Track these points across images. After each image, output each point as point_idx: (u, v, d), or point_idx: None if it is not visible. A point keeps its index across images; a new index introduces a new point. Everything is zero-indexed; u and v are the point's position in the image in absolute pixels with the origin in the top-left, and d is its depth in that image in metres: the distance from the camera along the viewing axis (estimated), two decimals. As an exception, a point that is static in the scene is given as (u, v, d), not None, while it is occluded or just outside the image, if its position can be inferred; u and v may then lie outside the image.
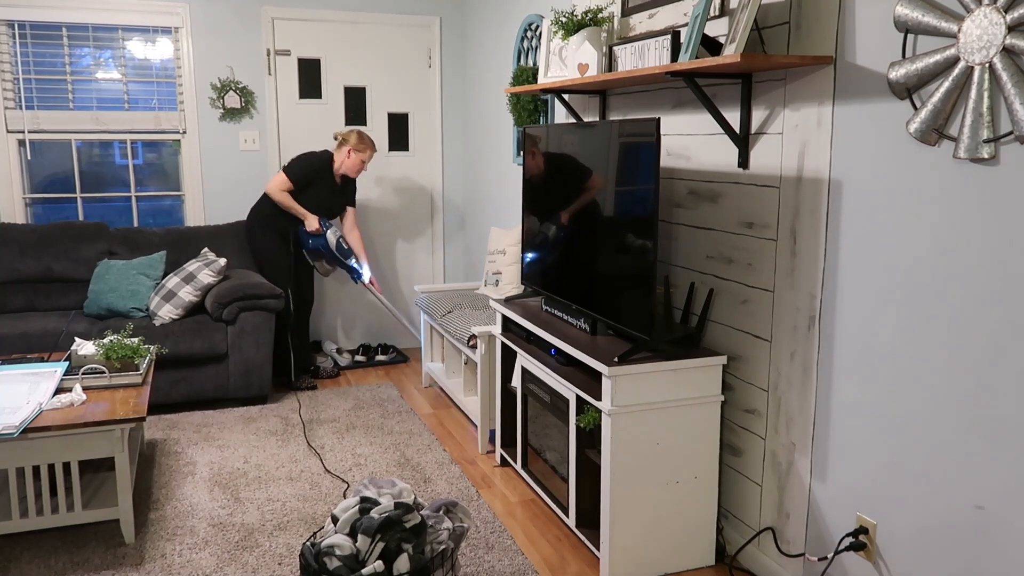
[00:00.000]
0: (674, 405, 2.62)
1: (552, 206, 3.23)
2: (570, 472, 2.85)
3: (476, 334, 3.64)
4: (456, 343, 3.95)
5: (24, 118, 4.65)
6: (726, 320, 2.76)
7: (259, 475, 3.43)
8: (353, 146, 4.57)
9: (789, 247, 2.46)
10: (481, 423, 3.75)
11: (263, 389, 4.30)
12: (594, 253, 2.89)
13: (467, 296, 4.38)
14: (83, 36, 4.72)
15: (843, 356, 2.28)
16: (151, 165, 5.03)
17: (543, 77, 3.58)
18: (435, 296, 4.42)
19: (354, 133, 4.59)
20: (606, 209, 2.81)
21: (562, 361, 2.93)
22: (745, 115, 2.61)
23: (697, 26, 2.43)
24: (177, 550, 2.83)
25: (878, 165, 2.12)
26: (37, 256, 4.40)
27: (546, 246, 3.29)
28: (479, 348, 3.65)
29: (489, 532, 2.96)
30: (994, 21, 1.77)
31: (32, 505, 2.77)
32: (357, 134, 4.59)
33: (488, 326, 3.69)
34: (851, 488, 2.30)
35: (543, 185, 3.33)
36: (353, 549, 2.17)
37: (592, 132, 2.89)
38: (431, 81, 5.44)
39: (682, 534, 2.71)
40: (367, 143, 4.60)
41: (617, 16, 3.29)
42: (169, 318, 4.17)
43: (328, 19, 5.14)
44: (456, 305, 4.16)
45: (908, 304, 2.06)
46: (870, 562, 2.24)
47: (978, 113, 1.82)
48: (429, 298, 4.42)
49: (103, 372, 3.08)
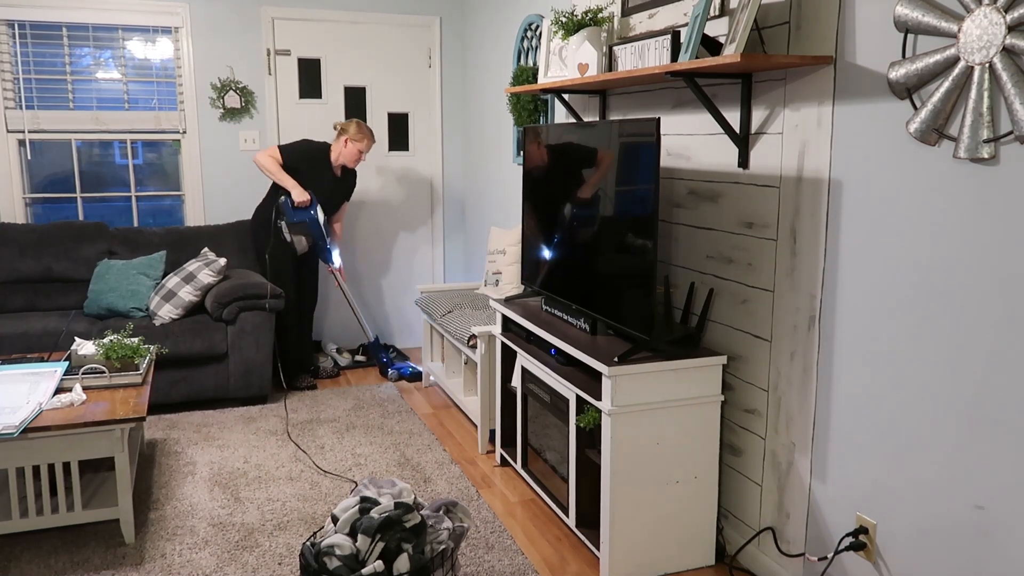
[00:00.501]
0: (674, 405, 2.62)
1: (552, 206, 3.23)
2: (570, 472, 2.85)
3: (476, 334, 3.64)
4: (456, 343, 3.95)
5: (24, 118, 4.65)
6: (726, 320, 2.76)
7: (259, 475, 3.43)
8: (351, 136, 4.53)
9: (789, 247, 2.46)
10: (481, 423, 3.75)
11: (263, 389, 4.30)
12: (594, 253, 2.89)
13: (467, 296, 4.38)
14: (83, 36, 4.72)
15: (843, 356, 2.28)
16: (151, 165, 5.03)
17: (543, 77, 3.58)
18: (435, 296, 4.43)
19: (353, 123, 4.56)
20: (606, 209, 2.81)
21: (562, 361, 2.92)
22: (745, 115, 2.61)
23: (697, 26, 2.43)
24: (177, 550, 2.83)
25: (878, 165, 2.12)
26: (37, 256, 4.40)
27: (546, 246, 3.29)
28: (479, 348, 3.65)
29: (489, 532, 2.96)
30: (994, 21, 1.77)
31: (32, 505, 2.77)
32: (356, 124, 4.55)
33: (488, 326, 3.70)
34: (851, 488, 2.30)
35: (543, 185, 3.33)
36: (353, 549, 2.17)
37: (592, 132, 2.89)
38: (431, 81, 5.45)
39: (682, 534, 2.71)
40: (365, 133, 4.56)
41: (617, 16, 3.29)
42: (169, 318, 4.17)
43: (328, 19, 5.14)
44: (456, 305, 4.16)
45: (908, 304, 2.06)
46: (870, 562, 2.24)
47: (978, 113, 1.82)
48: (428, 298, 4.42)
49: (103, 372, 3.08)
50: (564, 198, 3.12)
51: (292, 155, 4.52)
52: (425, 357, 4.66)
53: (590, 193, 2.91)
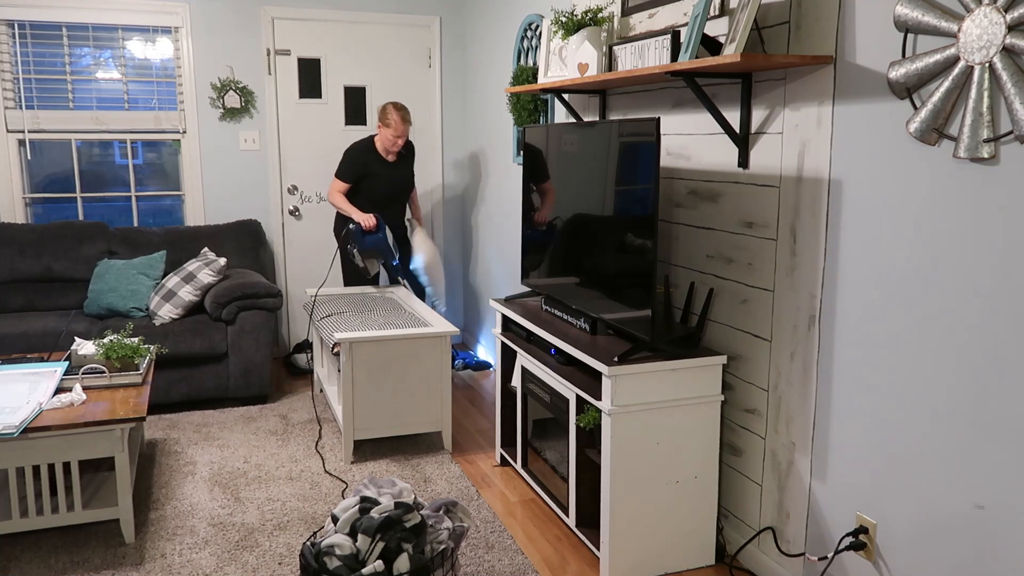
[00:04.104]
0: (674, 405, 2.62)
1: (552, 205, 3.23)
2: (570, 472, 2.85)
3: (339, 340, 3.45)
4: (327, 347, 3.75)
5: (24, 118, 4.65)
6: (726, 320, 2.76)
7: (259, 475, 3.43)
8: (380, 122, 4.44)
9: (789, 247, 2.46)
10: (344, 430, 3.66)
11: (263, 389, 4.30)
12: (594, 252, 2.89)
13: (369, 299, 4.32)
14: (83, 36, 4.72)
15: (843, 356, 2.28)
16: (151, 165, 5.03)
17: (543, 77, 3.58)
18: (330, 298, 4.35)
19: (382, 107, 4.45)
20: (606, 208, 2.81)
21: (562, 361, 2.92)
22: (745, 115, 2.61)
23: (697, 26, 2.43)
24: (177, 550, 2.83)
25: (878, 165, 2.12)
26: (37, 256, 4.40)
27: (546, 245, 3.29)
28: (341, 356, 3.49)
29: (489, 532, 2.96)
30: (994, 21, 1.77)
31: (32, 505, 2.76)
32: (382, 108, 4.44)
33: (360, 332, 3.51)
34: (851, 487, 2.30)
35: (543, 185, 3.33)
36: (353, 549, 2.17)
37: (592, 132, 2.89)
38: (431, 81, 5.44)
39: (682, 534, 2.71)
40: (391, 115, 4.40)
41: (617, 16, 3.29)
42: (169, 318, 4.17)
43: (328, 19, 5.14)
44: (340, 310, 4.02)
45: (908, 303, 2.06)
46: (870, 561, 2.24)
47: (978, 113, 1.82)
48: (320, 299, 4.30)
49: (103, 372, 3.08)
50: (564, 197, 3.12)
51: (348, 172, 4.47)
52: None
53: (590, 193, 2.91)
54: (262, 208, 5.15)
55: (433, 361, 3.61)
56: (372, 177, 4.50)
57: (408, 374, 3.58)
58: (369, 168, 4.49)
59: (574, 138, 3.03)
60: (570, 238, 3.08)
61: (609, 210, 2.79)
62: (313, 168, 5.23)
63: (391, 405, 3.58)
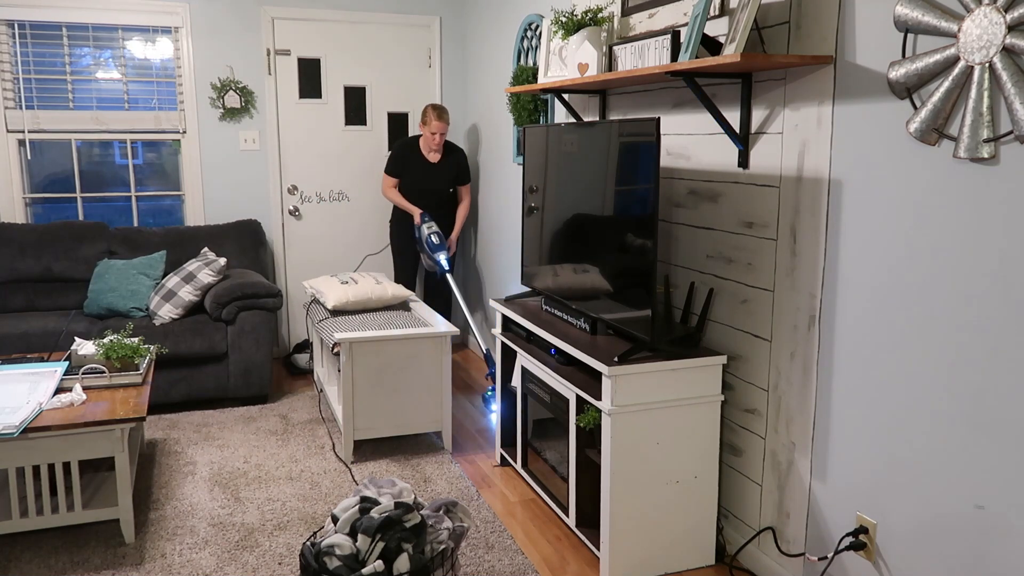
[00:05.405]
0: (674, 405, 2.62)
1: (552, 205, 3.22)
2: (570, 472, 2.85)
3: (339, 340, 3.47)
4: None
5: (24, 118, 4.65)
6: (726, 320, 2.76)
7: (259, 475, 3.43)
8: (421, 120, 4.77)
9: (789, 247, 2.46)
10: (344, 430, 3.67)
11: (263, 389, 4.30)
12: (594, 252, 2.89)
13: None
14: (83, 36, 4.72)
15: (843, 356, 2.28)
16: (151, 165, 5.02)
17: (543, 77, 3.58)
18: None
19: (424, 108, 4.75)
20: (606, 208, 2.81)
21: (562, 361, 2.92)
22: (745, 115, 2.61)
23: (697, 26, 2.43)
24: (177, 550, 2.83)
25: (878, 165, 2.12)
26: (37, 256, 4.40)
27: (546, 245, 3.29)
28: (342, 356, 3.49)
29: (489, 532, 2.96)
30: (994, 21, 1.77)
31: (32, 505, 2.76)
32: (425, 109, 4.73)
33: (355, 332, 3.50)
34: (851, 487, 2.30)
35: (543, 184, 3.33)
36: (353, 549, 2.17)
37: (592, 132, 2.89)
38: (431, 81, 5.44)
39: (682, 534, 2.71)
40: (428, 113, 4.70)
41: (617, 16, 3.29)
42: (169, 318, 4.17)
43: (328, 19, 5.14)
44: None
45: (908, 303, 2.06)
46: (870, 561, 2.24)
47: (978, 113, 1.82)
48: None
49: (103, 372, 3.08)
50: (564, 198, 3.12)
51: (390, 165, 4.85)
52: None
53: (590, 193, 2.91)
54: (262, 208, 5.15)
55: (433, 361, 3.61)
56: (409, 173, 4.82)
57: (408, 374, 3.58)
58: (408, 164, 4.81)
59: (574, 138, 3.03)
60: (570, 238, 3.08)
61: (609, 210, 2.79)
62: (313, 168, 5.23)
63: (391, 405, 3.58)
